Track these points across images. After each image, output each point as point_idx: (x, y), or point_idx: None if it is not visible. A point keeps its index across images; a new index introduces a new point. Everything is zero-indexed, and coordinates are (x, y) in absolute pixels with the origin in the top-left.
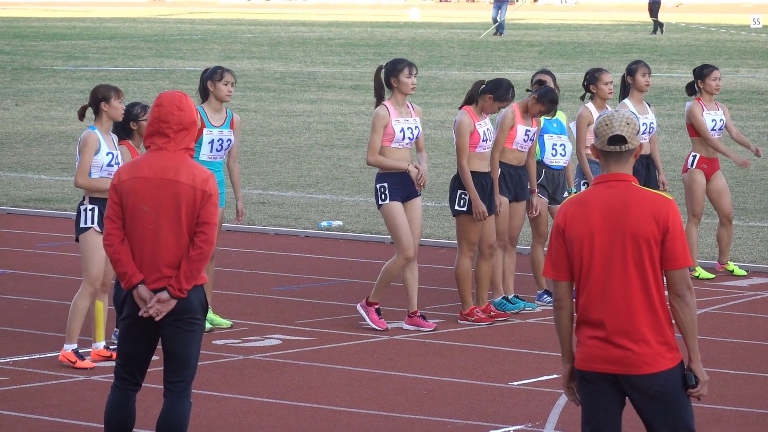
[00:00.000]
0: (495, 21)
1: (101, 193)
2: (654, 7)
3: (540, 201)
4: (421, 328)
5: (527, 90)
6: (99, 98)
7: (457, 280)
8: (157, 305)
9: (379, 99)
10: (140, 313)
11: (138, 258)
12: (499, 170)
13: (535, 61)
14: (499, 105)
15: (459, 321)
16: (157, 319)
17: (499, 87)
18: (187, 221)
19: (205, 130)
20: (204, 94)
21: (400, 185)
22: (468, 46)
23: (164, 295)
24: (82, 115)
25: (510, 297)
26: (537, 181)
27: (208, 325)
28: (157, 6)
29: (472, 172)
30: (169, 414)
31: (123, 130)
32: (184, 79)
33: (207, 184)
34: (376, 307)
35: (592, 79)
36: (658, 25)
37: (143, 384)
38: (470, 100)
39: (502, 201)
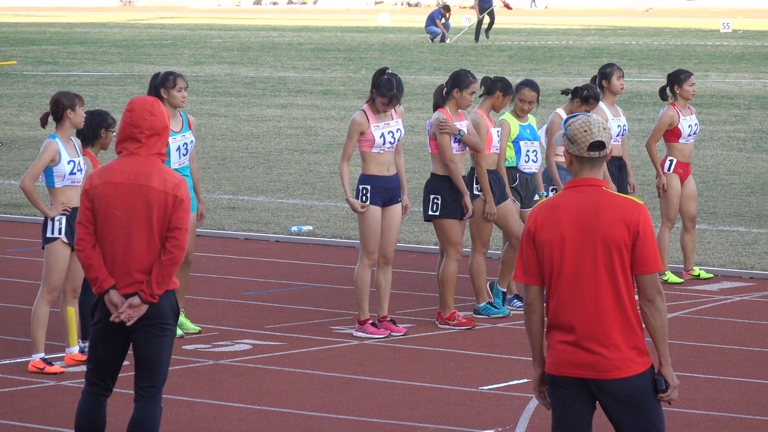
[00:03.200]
0: (440, 33)
1: (31, 204)
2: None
3: (515, 205)
4: (373, 335)
5: (480, 96)
6: (65, 106)
7: (442, 284)
8: (128, 310)
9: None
10: (111, 318)
11: (109, 263)
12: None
13: (505, 65)
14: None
15: (439, 325)
16: (128, 324)
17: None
18: (158, 226)
19: (169, 139)
20: None
21: (383, 189)
22: (438, 51)
23: (135, 300)
24: (44, 123)
25: (495, 301)
26: (511, 185)
27: (179, 331)
28: (128, 11)
29: (443, 176)
30: (139, 419)
31: (93, 136)
32: None
33: (178, 189)
34: (370, 321)
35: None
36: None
37: (114, 389)
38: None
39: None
